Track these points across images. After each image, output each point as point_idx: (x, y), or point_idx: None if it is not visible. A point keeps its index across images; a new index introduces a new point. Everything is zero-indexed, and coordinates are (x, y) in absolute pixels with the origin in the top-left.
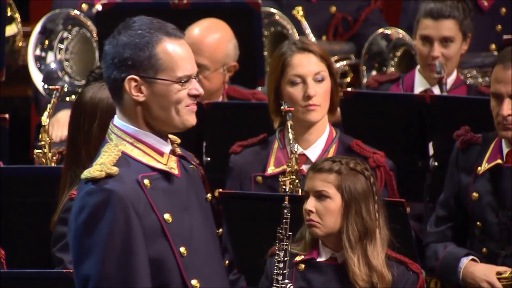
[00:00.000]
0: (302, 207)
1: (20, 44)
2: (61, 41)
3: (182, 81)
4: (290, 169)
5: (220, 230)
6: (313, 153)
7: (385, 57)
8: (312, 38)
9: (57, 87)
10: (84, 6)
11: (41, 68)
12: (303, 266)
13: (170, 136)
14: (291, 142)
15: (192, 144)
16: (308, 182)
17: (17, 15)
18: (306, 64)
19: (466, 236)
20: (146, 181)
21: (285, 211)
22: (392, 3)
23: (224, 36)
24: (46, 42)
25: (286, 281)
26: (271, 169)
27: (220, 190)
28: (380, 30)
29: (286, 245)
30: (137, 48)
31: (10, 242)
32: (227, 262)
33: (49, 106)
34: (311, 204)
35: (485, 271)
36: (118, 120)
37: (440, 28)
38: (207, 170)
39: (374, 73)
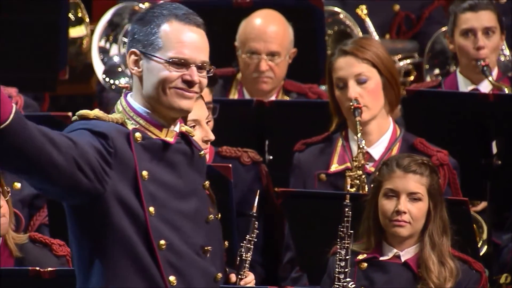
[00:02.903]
0: (365, 204)
1: (88, 46)
2: (126, 35)
3: (170, 60)
4: (357, 164)
5: (211, 216)
6: (377, 151)
7: (448, 56)
8: (375, 36)
9: (126, 85)
10: (147, 4)
11: (104, 60)
12: (365, 264)
13: (188, 129)
14: (359, 138)
15: (254, 142)
16: (397, 181)
17: (86, 17)
18: (346, 67)
19: None
20: (137, 134)
21: (347, 209)
22: (453, 1)
23: (285, 23)
24: (111, 35)
25: (348, 279)
26: (334, 167)
27: (281, 188)
28: (443, 29)
29: (347, 243)
30: (144, 23)
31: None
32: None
33: None
34: (405, 205)
35: None
36: (129, 96)
37: (481, 18)
38: (269, 168)
39: (436, 71)
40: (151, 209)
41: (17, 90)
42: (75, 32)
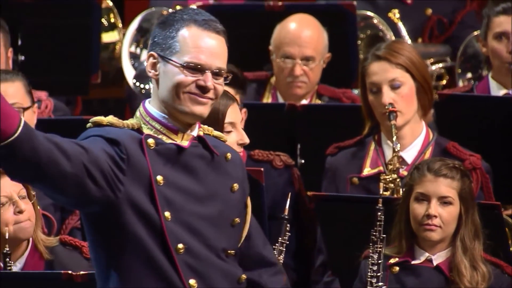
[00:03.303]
0: (397, 208)
1: (119, 51)
2: None
3: (184, 65)
4: (392, 167)
5: (237, 219)
6: (409, 154)
7: (480, 60)
8: (408, 40)
9: None
10: (178, 8)
11: (135, 65)
12: (397, 268)
13: (204, 127)
14: (394, 141)
15: (286, 146)
16: (428, 185)
17: (119, 23)
18: (380, 72)
19: None
20: (150, 140)
21: (379, 213)
22: (485, 4)
23: (320, 28)
24: (141, 40)
25: (380, 283)
26: (366, 170)
27: (314, 192)
28: (475, 33)
29: (380, 247)
30: (164, 27)
31: None
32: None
33: None
34: (436, 209)
35: None
36: (147, 103)
37: None
38: (301, 172)
39: (469, 75)
40: (167, 214)
41: (47, 93)
42: (108, 37)
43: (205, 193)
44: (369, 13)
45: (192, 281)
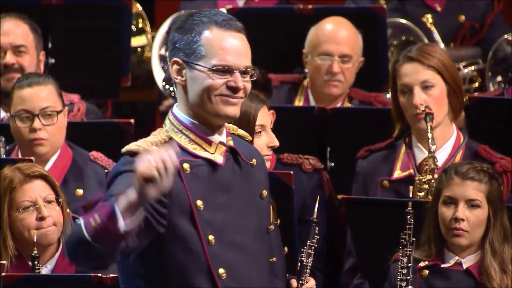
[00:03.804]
0: (426, 211)
1: (149, 55)
2: None
3: (214, 68)
4: (427, 167)
5: (271, 227)
6: (440, 157)
7: (510, 63)
8: (441, 44)
9: None
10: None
11: (164, 67)
12: (426, 272)
13: (229, 126)
14: (430, 142)
15: (315, 149)
16: (456, 188)
17: (148, 27)
18: (411, 74)
19: None
20: (185, 165)
21: (409, 216)
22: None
23: (355, 30)
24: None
25: (410, 287)
26: (397, 173)
27: (344, 195)
28: (505, 36)
29: (409, 251)
30: (185, 32)
31: None
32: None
33: None
34: (463, 212)
35: None
36: (175, 108)
37: None
38: (330, 175)
39: (499, 78)
40: (211, 237)
41: (79, 96)
42: (136, 41)
43: (241, 206)
44: (402, 20)
45: None
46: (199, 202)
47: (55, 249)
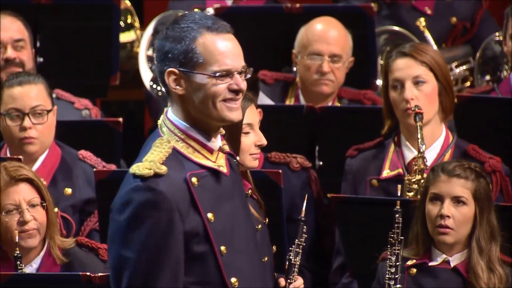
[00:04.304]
0: (415, 210)
1: (138, 50)
2: None
3: (217, 75)
4: (416, 167)
5: (259, 226)
6: (429, 156)
7: (499, 62)
8: (434, 46)
9: None
10: (196, 10)
11: (152, 68)
12: (415, 270)
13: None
14: (419, 142)
15: (304, 148)
16: (442, 185)
17: (137, 23)
18: (404, 68)
19: None
20: (194, 179)
21: (397, 215)
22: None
23: (345, 30)
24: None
25: (398, 285)
26: (386, 172)
27: (333, 194)
28: (494, 35)
29: (398, 249)
30: (176, 41)
31: None
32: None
33: None
34: (449, 209)
35: None
36: (171, 114)
37: None
38: (319, 174)
39: (487, 77)
40: (223, 248)
41: (89, 100)
42: (125, 37)
43: (241, 210)
44: (396, 28)
45: None
46: (210, 215)
47: (40, 249)
